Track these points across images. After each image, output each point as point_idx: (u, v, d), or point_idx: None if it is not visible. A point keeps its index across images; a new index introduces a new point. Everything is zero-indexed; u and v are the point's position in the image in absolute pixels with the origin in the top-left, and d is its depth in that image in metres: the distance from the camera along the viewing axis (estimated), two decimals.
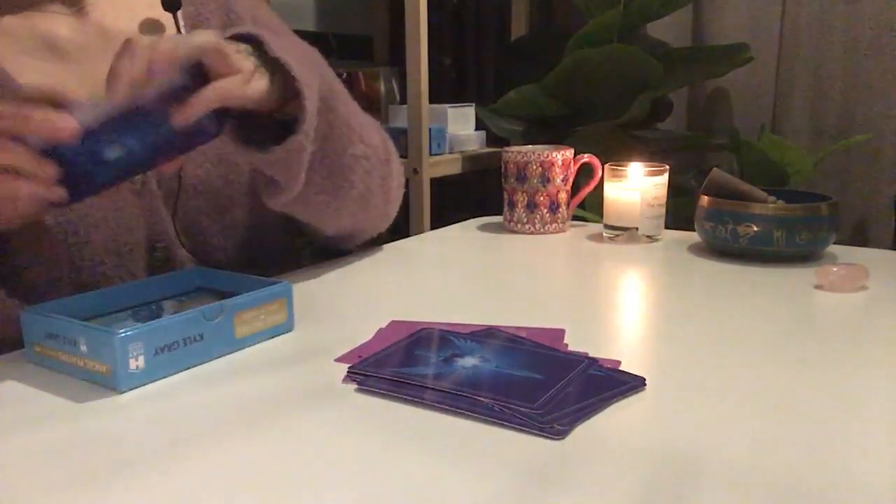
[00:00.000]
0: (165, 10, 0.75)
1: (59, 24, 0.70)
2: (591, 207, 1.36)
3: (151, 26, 0.77)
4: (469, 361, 0.51)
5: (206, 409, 0.46)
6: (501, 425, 0.43)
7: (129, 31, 0.74)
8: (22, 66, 0.66)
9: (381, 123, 0.84)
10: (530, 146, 1.00)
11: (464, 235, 1.00)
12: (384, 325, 0.61)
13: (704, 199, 0.85)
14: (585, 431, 0.42)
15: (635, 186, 0.92)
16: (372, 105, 1.92)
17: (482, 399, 0.45)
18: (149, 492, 0.37)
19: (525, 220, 0.99)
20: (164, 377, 0.51)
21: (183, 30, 0.76)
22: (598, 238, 0.96)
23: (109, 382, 0.49)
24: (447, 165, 1.74)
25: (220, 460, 0.40)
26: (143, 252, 0.69)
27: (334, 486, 0.37)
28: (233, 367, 0.53)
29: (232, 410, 0.46)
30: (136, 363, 0.49)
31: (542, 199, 0.97)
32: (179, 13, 0.76)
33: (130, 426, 0.44)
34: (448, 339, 0.56)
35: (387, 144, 0.82)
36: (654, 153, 1.22)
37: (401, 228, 1.56)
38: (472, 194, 2.22)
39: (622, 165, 0.94)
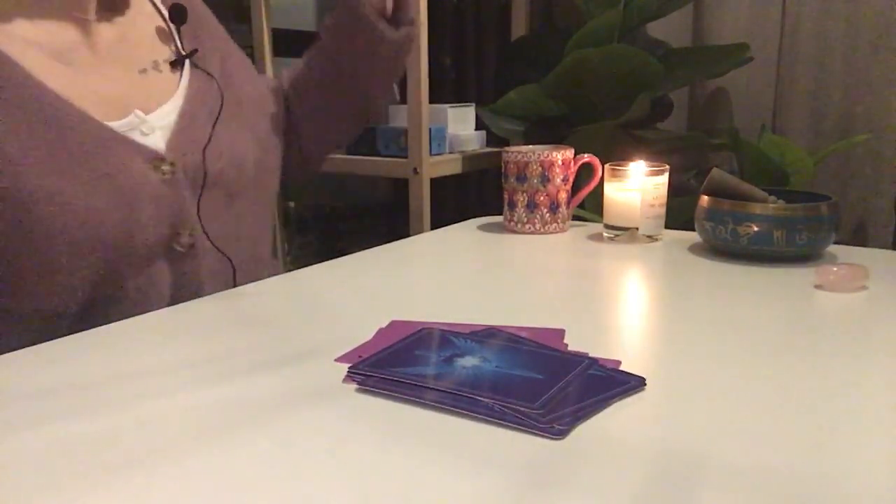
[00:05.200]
0: (171, 21, 0.78)
1: (69, 31, 0.70)
2: (591, 207, 1.36)
3: (161, 36, 0.79)
4: (469, 361, 0.51)
5: (206, 408, 0.46)
6: (502, 425, 0.43)
7: (136, 40, 0.76)
8: (42, 67, 0.66)
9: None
10: (530, 146, 1.00)
11: (464, 235, 1.00)
12: (384, 325, 0.61)
13: (704, 199, 0.85)
14: (585, 431, 0.42)
15: (635, 186, 0.92)
16: None
17: (482, 399, 0.45)
18: (148, 491, 0.37)
19: (525, 220, 0.99)
20: None
21: (181, 47, 0.79)
22: (598, 238, 0.96)
23: None
24: (447, 165, 1.74)
25: (220, 459, 0.40)
26: (165, 241, 0.70)
27: (334, 486, 0.37)
28: (232, 367, 0.53)
29: (232, 409, 0.46)
30: None
31: (542, 198, 0.97)
32: (181, 27, 0.79)
33: (128, 426, 0.44)
34: (448, 339, 0.56)
35: None
36: (654, 153, 1.22)
37: (401, 228, 1.56)
38: (472, 194, 2.22)
39: (622, 165, 0.94)
